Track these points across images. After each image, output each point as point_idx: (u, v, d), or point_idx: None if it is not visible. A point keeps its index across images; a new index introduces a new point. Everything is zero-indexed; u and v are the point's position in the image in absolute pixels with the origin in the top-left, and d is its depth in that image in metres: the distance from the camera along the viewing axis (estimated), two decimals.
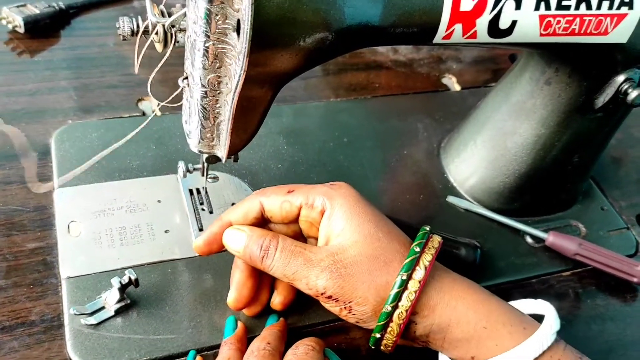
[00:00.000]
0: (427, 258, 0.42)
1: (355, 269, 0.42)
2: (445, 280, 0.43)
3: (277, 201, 0.45)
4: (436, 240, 0.44)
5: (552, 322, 0.42)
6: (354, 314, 0.43)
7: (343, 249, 0.42)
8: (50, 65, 0.64)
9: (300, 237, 0.47)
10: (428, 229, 0.45)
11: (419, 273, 0.42)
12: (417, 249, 0.42)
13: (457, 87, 0.75)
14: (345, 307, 0.42)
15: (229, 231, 0.45)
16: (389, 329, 0.42)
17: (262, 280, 0.48)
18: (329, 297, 0.42)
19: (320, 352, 0.43)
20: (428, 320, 0.42)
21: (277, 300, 0.48)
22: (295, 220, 0.46)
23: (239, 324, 0.47)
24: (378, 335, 0.43)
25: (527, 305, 0.46)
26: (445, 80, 0.76)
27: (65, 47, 0.67)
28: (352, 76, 0.73)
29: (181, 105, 0.46)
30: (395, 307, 0.41)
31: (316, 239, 0.46)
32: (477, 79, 0.77)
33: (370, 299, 0.42)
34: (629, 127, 0.75)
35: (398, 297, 0.41)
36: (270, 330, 0.45)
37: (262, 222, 0.46)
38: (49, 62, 0.65)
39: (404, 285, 0.41)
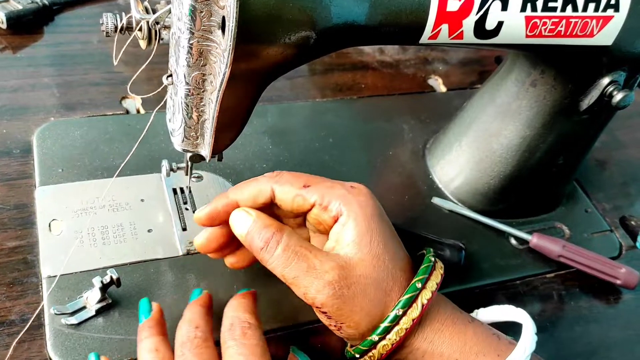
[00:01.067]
0: (426, 296, 0.41)
1: (357, 291, 0.40)
2: (431, 312, 0.42)
3: (290, 193, 0.43)
4: (439, 273, 0.43)
5: (526, 343, 0.41)
6: (341, 332, 0.42)
7: (350, 264, 0.41)
8: (33, 62, 0.63)
9: (304, 227, 0.46)
10: (433, 259, 0.44)
11: (415, 312, 0.40)
12: (419, 285, 0.41)
13: (443, 89, 0.75)
14: (335, 325, 0.41)
15: (237, 212, 0.43)
16: (370, 354, 0.42)
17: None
18: (324, 312, 0.41)
19: (259, 326, 0.41)
20: (405, 350, 0.42)
21: (230, 261, 0.46)
22: (304, 214, 0.44)
23: (154, 305, 0.44)
24: (357, 356, 0.42)
25: (508, 313, 0.45)
26: (431, 82, 0.76)
27: (48, 43, 0.66)
28: (338, 76, 0.73)
29: (164, 103, 0.46)
30: (382, 339, 0.41)
31: (321, 233, 0.45)
32: (463, 80, 0.77)
33: (362, 325, 0.41)
34: (613, 129, 0.75)
35: (387, 330, 0.40)
36: (194, 310, 0.43)
37: (270, 206, 0.44)
38: (32, 58, 0.64)
39: (396, 321, 0.40)
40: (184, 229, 0.51)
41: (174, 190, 0.54)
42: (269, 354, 0.40)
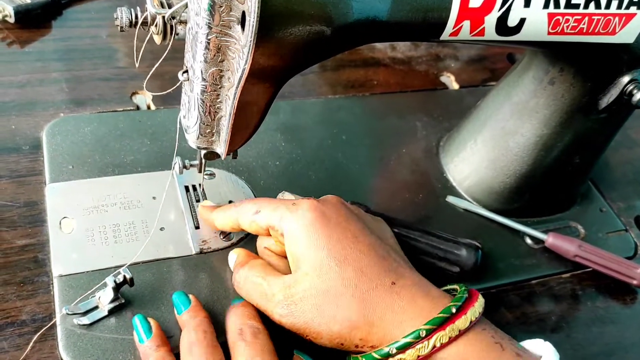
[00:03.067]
0: (462, 324, 0.39)
1: (305, 306, 0.41)
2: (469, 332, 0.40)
3: (246, 220, 0.46)
4: (477, 310, 0.41)
5: None
6: (318, 342, 0.42)
7: (295, 281, 0.42)
8: (42, 57, 0.62)
9: None
10: (466, 293, 0.42)
11: (444, 337, 0.39)
12: (453, 310, 0.40)
13: (456, 86, 0.74)
14: (307, 337, 0.42)
15: (230, 254, 0.48)
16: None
17: None
18: (288, 329, 0.42)
19: (266, 331, 0.42)
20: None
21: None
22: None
23: (152, 322, 0.43)
24: None
25: (536, 346, 0.42)
26: (443, 79, 0.75)
27: (56, 38, 0.65)
28: (350, 73, 0.72)
29: (174, 100, 0.45)
30: (400, 353, 0.40)
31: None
32: (475, 77, 0.76)
33: (323, 334, 0.41)
34: (626, 128, 0.74)
35: (407, 346, 0.39)
36: (201, 317, 0.43)
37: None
38: (40, 53, 0.63)
39: (419, 339, 0.39)
40: (197, 227, 0.51)
41: (186, 188, 0.53)
42: (277, 357, 0.41)
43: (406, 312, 0.40)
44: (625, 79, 0.49)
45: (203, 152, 0.45)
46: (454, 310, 0.40)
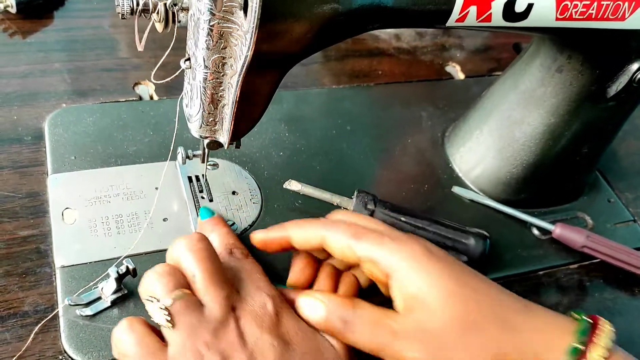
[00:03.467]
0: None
1: (446, 336, 0.38)
2: None
3: (340, 244, 0.42)
4: (606, 336, 0.39)
5: None
6: None
7: (427, 316, 0.38)
8: (43, 47, 0.62)
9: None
10: (588, 321, 0.39)
11: None
12: (582, 347, 0.37)
13: (461, 76, 0.73)
14: None
15: (304, 300, 0.42)
16: None
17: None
18: None
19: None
20: None
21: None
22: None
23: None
24: None
25: None
26: (449, 69, 0.74)
27: (58, 28, 0.65)
28: (354, 63, 0.71)
29: (177, 90, 0.44)
30: None
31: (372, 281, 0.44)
32: (481, 67, 0.76)
33: None
34: (634, 117, 0.72)
35: None
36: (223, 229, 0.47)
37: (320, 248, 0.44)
38: (42, 43, 0.62)
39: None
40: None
41: (189, 178, 0.53)
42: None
43: (549, 330, 0.39)
44: (635, 66, 0.48)
45: (206, 141, 0.44)
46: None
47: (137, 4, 0.39)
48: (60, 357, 0.42)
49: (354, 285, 0.45)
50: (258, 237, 0.45)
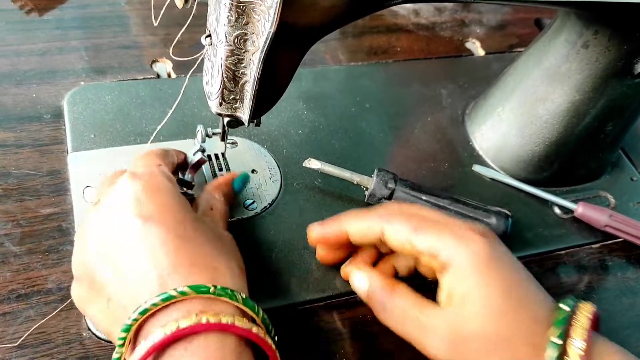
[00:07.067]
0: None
1: (473, 345, 0.37)
2: None
3: (399, 237, 0.41)
4: (584, 320, 0.37)
5: None
6: None
7: (463, 319, 0.38)
8: (61, 25, 0.62)
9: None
10: (568, 309, 0.38)
11: None
12: (559, 342, 0.36)
13: (481, 52, 0.72)
14: None
15: (355, 272, 0.44)
16: None
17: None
18: None
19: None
20: None
21: (321, 254, 0.47)
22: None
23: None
24: None
25: None
26: (469, 45, 0.73)
27: (75, 5, 0.64)
28: (372, 39, 0.70)
29: (196, 67, 0.44)
30: None
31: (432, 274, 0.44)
32: (502, 43, 0.74)
33: None
34: None
35: None
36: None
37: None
38: (59, 20, 0.62)
39: None
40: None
41: (209, 157, 0.52)
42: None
43: None
44: None
45: (226, 119, 0.44)
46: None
47: None
48: (84, 334, 0.42)
49: (391, 270, 0.46)
50: (315, 234, 0.45)
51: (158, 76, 0.59)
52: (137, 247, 0.36)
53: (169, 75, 0.60)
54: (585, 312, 0.38)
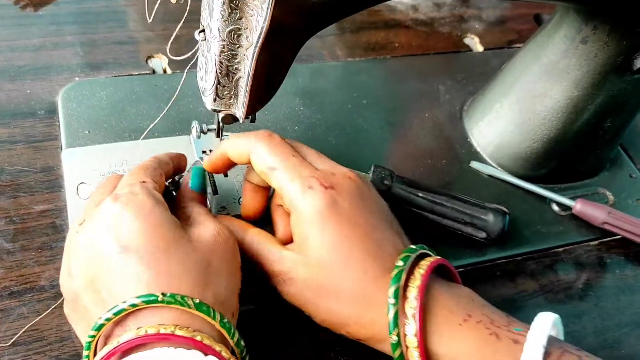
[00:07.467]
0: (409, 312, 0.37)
1: (304, 291, 0.40)
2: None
3: (259, 168, 0.42)
4: (418, 277, 0.38)
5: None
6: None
7: (298, 262, 0.40)
8: (56, 20, 0.61)
9: None
10: (401, 263, 0.39)
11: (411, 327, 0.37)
12: (393, 301, 0.37)
13: (480, 48, 0.72)
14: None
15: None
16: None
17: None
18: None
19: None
20: None
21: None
22: None
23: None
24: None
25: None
26: (467, 41, 0.72)
27: (70, 0, 0.64)
28: (370, 35, 0.69)
29: (191, 63, 0.43)
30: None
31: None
32: (500, 39, 0.74)
33: (315, 319, 0.41)
34: None
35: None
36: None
37: None
38: (54, 16, 0.61)
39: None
40: (215, 193, 0.50)
41: (204, 153, 0.52)
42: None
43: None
44: None
45: (221, 115, 0.44)
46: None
47: None
48: None
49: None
50: (205, 163, 0.46)
51: (153, 72, 0.59)
52: (114, 275, 0.35)
53: (165, 71, 0.60)
54: (419, 269, 0.39)
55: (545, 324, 0.37)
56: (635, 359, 0.48)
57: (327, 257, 0.39)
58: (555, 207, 0.57)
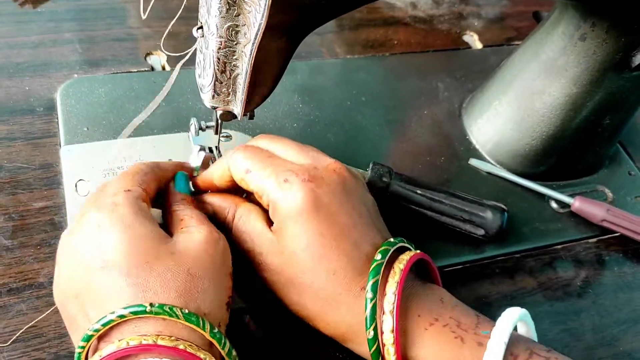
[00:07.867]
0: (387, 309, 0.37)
1: (275, 279, 0.40)
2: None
3: (237, 176, 0.42)
4: (398, 270, 0.38)
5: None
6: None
7: (270, 251, 0.40)
8: (54, 17, 0.61)
9: None
10: (379, 258, 0.38)
11: (387, 322, 0.37)
12: (371, 295, 0.37)
13: (479, 45, 0.72)
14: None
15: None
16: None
17: None
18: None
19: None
20: None
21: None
22: None
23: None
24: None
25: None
26: (466, 38, 0.72)
27: None
28: (369, 32, 0.69)
29: (189, 60, 0.43)
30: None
31: None
32: (499, 36, 0.74)
33: (285, 304, 0.41)
34: None
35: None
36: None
37: None
38: (53, 12, 0.61)
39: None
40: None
41: (202, 150, 0.52)
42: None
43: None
44: None
45: (219, 112, 0.44)
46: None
47: None
48: None
49: None
50: (198, 182, 0.45)
51: (152, 69, 0.59)
52: (96, 289, 0.35)
53: (164, 68, 0.59)
54: (399, 264, 0.38)
55: (509, 320, 0.36)
56: (633, 355, 0.48)
57: (299, 252, 0.39)
58: (554, 205, 0.57)
